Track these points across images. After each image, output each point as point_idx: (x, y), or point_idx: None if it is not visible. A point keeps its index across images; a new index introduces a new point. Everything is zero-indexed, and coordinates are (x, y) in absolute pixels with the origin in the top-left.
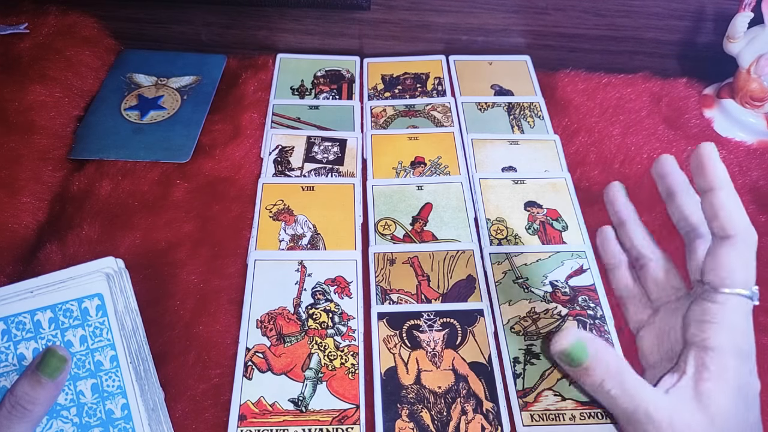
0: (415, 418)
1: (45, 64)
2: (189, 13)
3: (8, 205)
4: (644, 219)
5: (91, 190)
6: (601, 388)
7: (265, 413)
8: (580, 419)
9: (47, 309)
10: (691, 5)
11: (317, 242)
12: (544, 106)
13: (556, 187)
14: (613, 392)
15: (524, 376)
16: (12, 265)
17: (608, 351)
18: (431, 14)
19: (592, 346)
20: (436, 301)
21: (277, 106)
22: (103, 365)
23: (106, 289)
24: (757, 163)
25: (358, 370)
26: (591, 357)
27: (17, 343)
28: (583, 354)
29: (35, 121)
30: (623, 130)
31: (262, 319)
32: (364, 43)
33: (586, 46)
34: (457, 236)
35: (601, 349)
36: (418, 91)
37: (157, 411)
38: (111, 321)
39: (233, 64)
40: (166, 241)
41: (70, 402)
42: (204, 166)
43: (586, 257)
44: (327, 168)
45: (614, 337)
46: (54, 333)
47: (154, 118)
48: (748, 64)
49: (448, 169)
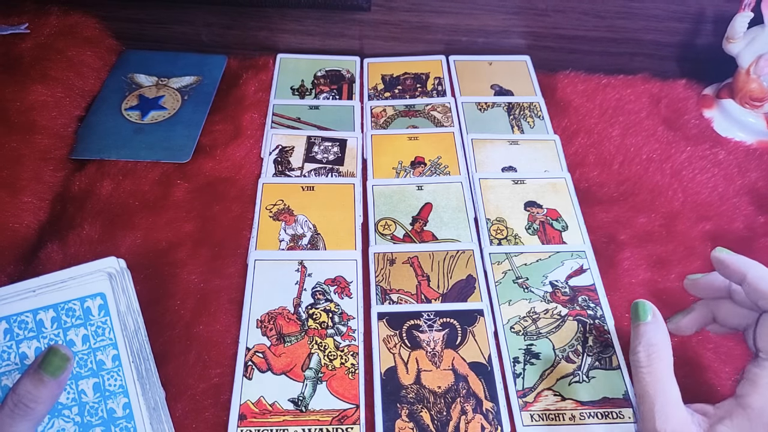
0: (415, 418)
1: (46, 65)
2: (190, 14)
3: (9, 204)
4: (643, 220)
5: (92, 190)
6: (634, 351)
7: (265, 413)
8: (580, 419)
9: (49, 308)
10: (691, 7)
11: (317, 242)
12: (544, 106)
13: (556, 187)
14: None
15: (524, 376)
16: (13, 265)
17: (661, 330)
18: (431, 15)
19: (653, 318)
20: (436, 301)
21: (278, 106)
22: (105, 364)
23: (108, 289)
24: (756, 163)
25: (358, 370)
26: (645, 322)
27: (19, 342)
28: (644, 314)
29: (36, 121)
30: (623, 131)
31: (262, 318)
32: (364, 44)
33: (586, 48)
34: (457, 236)
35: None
36: (418, 91)
37: (158, 410)
38: (113, 320)
39: (234, 65)
40: (167, 241)
41: (72, 401)
42: (204, 166)
43: (586, 257)
44: (327, 168)
45: (614, 337)
46: (56, 332)
47: (154, 118)
48: (748, 64)
49: (448, 169)
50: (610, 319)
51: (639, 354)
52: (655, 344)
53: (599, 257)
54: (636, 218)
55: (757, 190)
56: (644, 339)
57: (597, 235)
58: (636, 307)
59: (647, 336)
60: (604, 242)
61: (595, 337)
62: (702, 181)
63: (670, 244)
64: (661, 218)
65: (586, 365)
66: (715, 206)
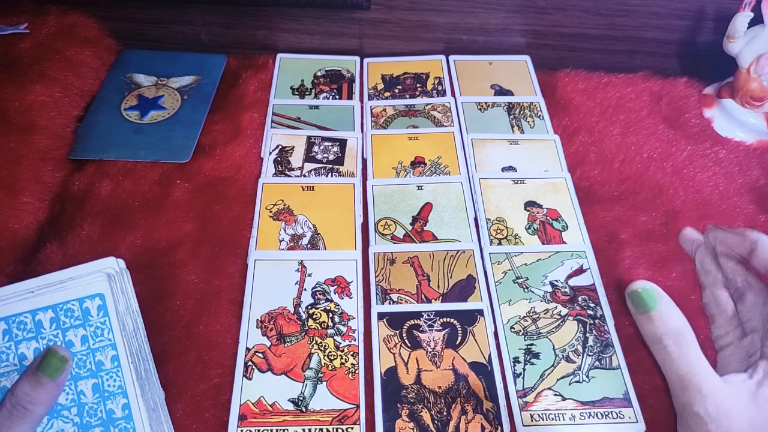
0: (415, 418)
1: (45, 64)
2: (189, 13)
3: (8, 205)
4: (644, 219)
5: (92, 190)
6: (660, 342)
7: (265, 413)
8: (580, 419)
9: (48, 309)
10: (692, 4)
11: (317, 242)
12: (544, 105)
13: (556, 187)
14: (670, 349)
15: (524, 375)
16: (12, 265)
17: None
18: (431, 14)
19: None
20: (436, 301)
21: (278, 105)
22: (104, 365)
23: (107, 289)
24: (756, 162)
25: (358, 370)
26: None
27: (18, 343)
28: (652, 302)
29: (35, 121)
30: (623, 130)
31: (263, 319)
32: (364, 43)
33: (586, 46)
34: (457, 236)
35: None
36: (418, 90)
37: (158, 411)
38: (112, 321)
39: (233, 64)
40: (167, 241)
41: (71, 402)
42: (204, 166)
43: (585, 257)
44: (327, 168)
45: (614, 337)
46: (55, 333)
47: (154, 118)
48: (748, 63)
49: (448, 169)
50: (610, 319)
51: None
52: (679, 330)
53: (600, 256)
54: (637, 217)
55: (758, 188)
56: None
57: (598, 234)
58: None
59: (669, 323)
60: (605, 241)
61: (595, 337)
62: (703, 180)
63: (671, 243)
64: (661, 217)
65: (586, 365)
66: (716, 205)
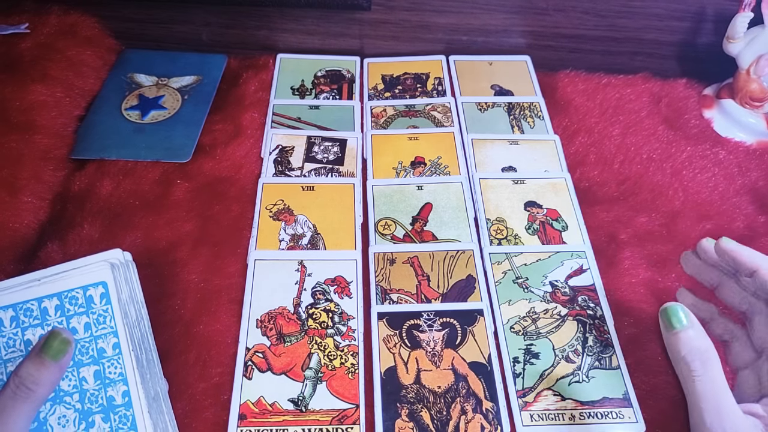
0: (415, 418)
1: (46, 64)
2: (190, 13)
3: (9, 204)
4: (643, 219)
5: (92, 190)
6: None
7: (265, 413)
8: (580, 419)
9: (54, 296)
10: (692, 6)
11: (317, 242)
12: (544, 106)
13: (556, 187)
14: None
15: (524, 375)
16: (13, 264)
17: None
18: (432, 15)
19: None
20: (436, 300)
21: (278, 106)
22: (106, 352)
23: (110, 278)
24: (756, 163)
25: (358, 369)
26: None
27: (25, 329)
28: (677, 320)
29: (36, 120)
30: (623, 131)
31: (262, 318)
32: (364, 43)
33: (587, 47)
34: (457, 236)
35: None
36: (418, 91)
37: (159, 401)
38: (114, 309)
39: (234, 64)
40: (167, 240)
41: (73, 388)
42: (204, 166)
43: (585, 257)
44: (327, 168)
45: (614, 337)
46: (60, 320)
47: (154, 118)
48: (748, 64)
49: (448, 169)
50: (610, 320)
51: (692, 363)
52: (705, 349)
53: (600, 256)
54: (636, 218)
55: (758, 189)
56: (691, 346)
57: (597, 235)
58: (667, 313)
59: (694, 342)
60: (605, 241)
61: (594, 337)
62: (702, 181)
63: (670, 244)
64: (661, 218)
65: (586, 365)
66: (716, 206)
